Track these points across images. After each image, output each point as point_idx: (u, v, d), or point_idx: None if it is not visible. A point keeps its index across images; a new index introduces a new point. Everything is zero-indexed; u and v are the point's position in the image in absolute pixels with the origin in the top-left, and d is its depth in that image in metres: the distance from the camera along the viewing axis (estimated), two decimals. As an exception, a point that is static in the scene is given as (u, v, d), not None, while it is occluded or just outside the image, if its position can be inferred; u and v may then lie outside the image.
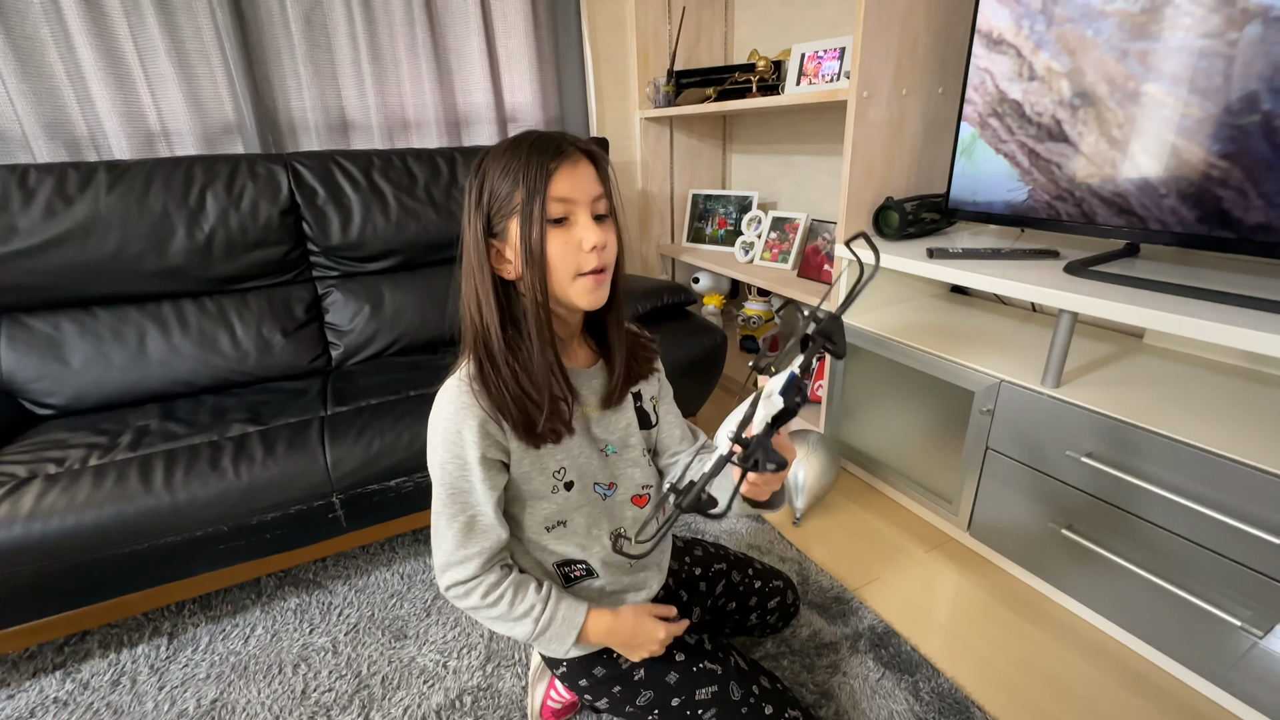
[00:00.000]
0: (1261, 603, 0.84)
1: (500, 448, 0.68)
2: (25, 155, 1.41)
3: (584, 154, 0.64)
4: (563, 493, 0.73)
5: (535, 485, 0.72)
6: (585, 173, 0.63)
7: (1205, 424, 0.93)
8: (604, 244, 0.63)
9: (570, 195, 0.61)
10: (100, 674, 1.05)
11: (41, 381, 1.27)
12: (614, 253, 0.66)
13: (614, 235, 0.66)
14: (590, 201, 0.63)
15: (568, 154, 0.62)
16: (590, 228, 0.62)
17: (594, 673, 0.79)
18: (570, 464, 0.73)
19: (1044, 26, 1.08)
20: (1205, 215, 0.95)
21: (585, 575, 0.79)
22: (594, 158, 0.64)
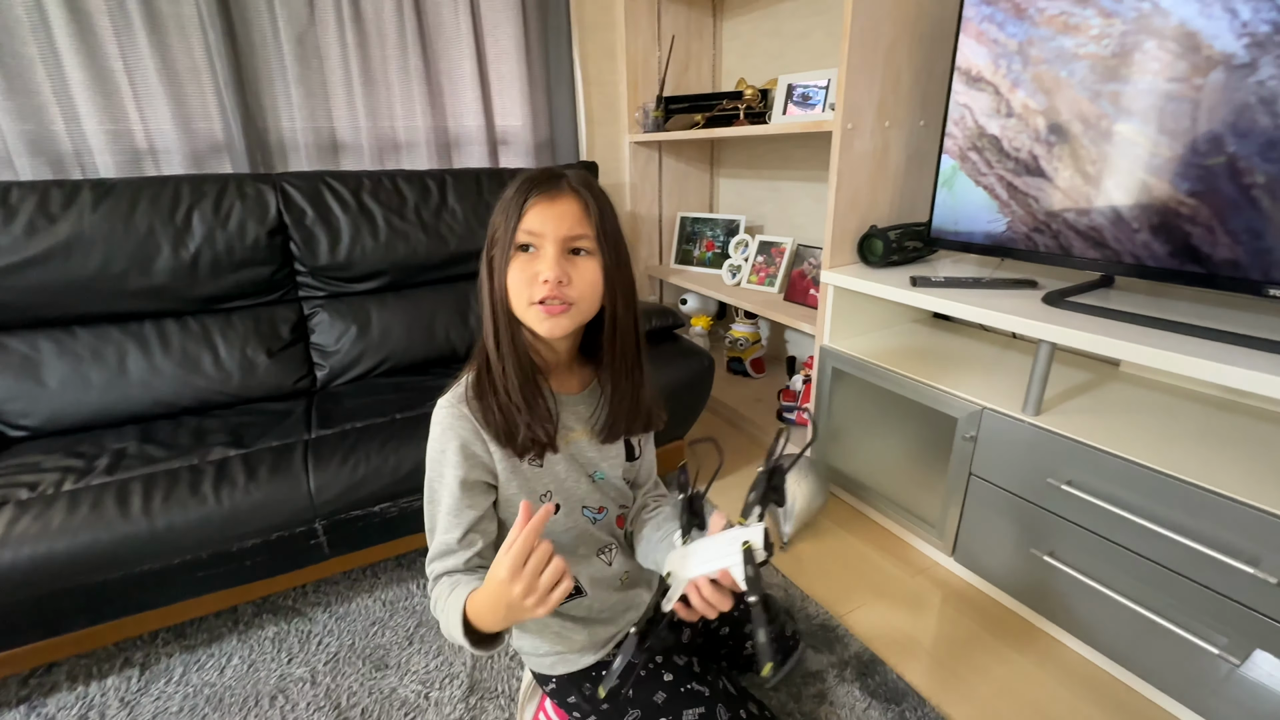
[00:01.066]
0: (1237, 630, 0.86)
1: (484, 468, 0.71)
2: (8, 173, 1.39)
3: (575, 192, 0.66)
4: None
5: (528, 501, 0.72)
6: (565, 210, 0.65)
7: (1180, 452, 0.95)
8: (561, 278, 0.64)
9: (538, 229, 0.65)
10: (67, 708, 1.02)
11: (16, 402, 1.24)
12: (584, 290, 0.67)
13: (590, 273, 0.67)
14: (561, 237, 0.65)
15: (550, 190, 0.66)
16: (549, 260, 0.64)
17: (583, 689, 0.80)
18: (557, 487, 0.76)
19: (1020, 66, 1.12)
20: (1176, 250, 0.98)
21: (575, 594, 0.80)
22: (584, 198, 0.66)
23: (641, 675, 0.78)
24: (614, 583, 0.83)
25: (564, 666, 0.81)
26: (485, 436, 0.70)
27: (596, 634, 0.82)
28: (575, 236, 0.65)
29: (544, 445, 0.71)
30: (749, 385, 2.13)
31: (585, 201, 0.66)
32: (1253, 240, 0.90)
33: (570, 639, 0.80)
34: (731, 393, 2.07)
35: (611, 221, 0.69)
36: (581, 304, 0.67)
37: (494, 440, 0.70)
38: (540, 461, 0.74)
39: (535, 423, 0.70)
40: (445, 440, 0.70)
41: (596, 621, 0.82)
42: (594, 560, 0.81)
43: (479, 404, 0.70)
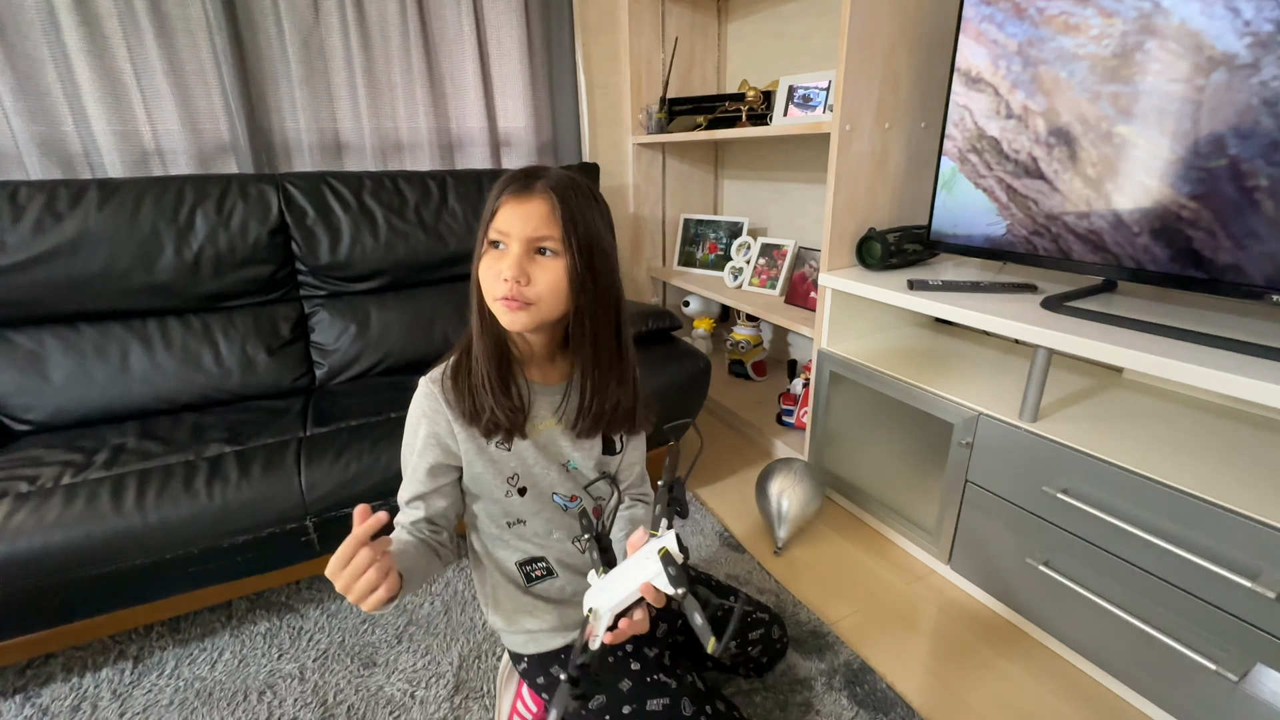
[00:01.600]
0: (1235, 645, 0.84)
1: (447, 451, 0.75)
2: (19, 172, 1.43)
3: (545, 193, 0.66)
4: (516, 497, 0.78)
5: (488, 486, 0.77)
6: (534, 210, 0.66)
7: (1180, 462, 0.93)
8: (520, 278, 0.65)
9: (506, 227, 0.66)
10: (61, 699, 1.03)
11: (21, 397, 1.26)
12: (544, 290, 0.67)
13: (552, 274, 0.67)
14: (526, 238, 0.66)
15: (522, 191, 0.67)
16: (511, 259, 0.65)
17: (550, 670, 0.82)
18: (523, 471, 0.78)
19: (1020, 67, 1.11)
20: (1176, 254, 0.96)
21: (546, 575, 0.83)
22: (553, 199, 0.66)
23: (609, 661, 0.79)
24: (585, 567, 0.84)
25: (534, 646, 0.83)
26: (450, 417, 0.73)
27: (567, 616, 0.83)
28: (540, 237, 0.66)
29: (508, 430, 0.74)
30: (750, 388, 2.12)
31: (553, 203, 0.66)
32: (1255, 245, 0.87)
33: (541, 618, 0.82)
34: (732, 395, 2.06)
35: (585, 224, 0.68)
36: (541, 304, 0.67)
37: (459, 420, 0.73)
38: (508, 445, 0.76)
39: (500, 408, 0.72)
40: (416, 419, 0.75)
41: (567, 604, 0.84)
42: (568, 545, 0.83)
43: (453, 384, 0.73)
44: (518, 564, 0.82)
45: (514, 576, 0.83)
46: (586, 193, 0.70)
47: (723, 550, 1.38)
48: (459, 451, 0.75)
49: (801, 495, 1.35)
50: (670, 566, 0.56)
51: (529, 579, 0.83)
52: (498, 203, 0.67)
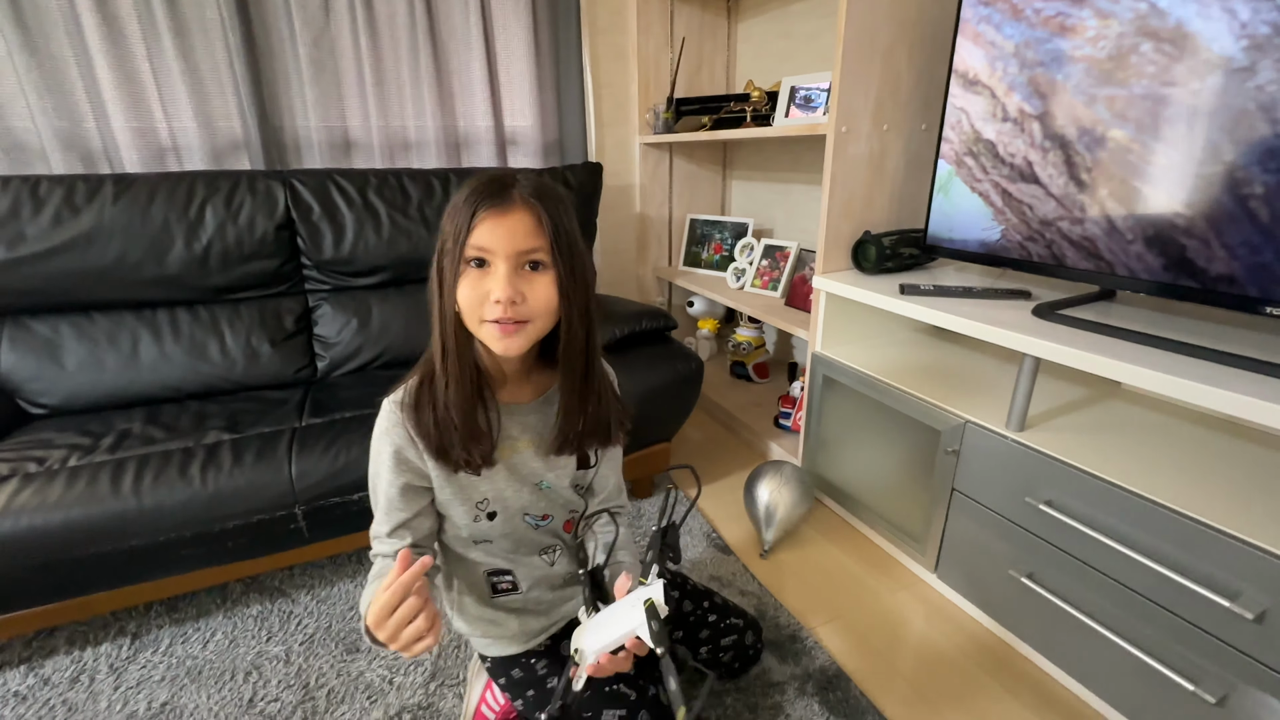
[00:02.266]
0: (1215, 667, 0.81)
1: (419, 473, 0.71)
2: (42, 166, 1.49)
3: (526, 204, 0.62)
4: (485, 522, 0.76)
5: (456, 512, 0.74)
6: (516, 224, 0.62)
7: (1168, 477, 0.90)
8: (515, 297, 0.62)
9: (488, 245, 0.61)
10: (62, 670, 1.08)
11: (37, 382, 1.32)
12: (539, 306, 0.64)
13: (544, 289, 0.64)
14: (514, 253, 0.62)
15: (500, 203, 0.62)
16: (501, 279, 0.61)
17: (511, 674, 0.82)
18: (494, 496, 0.75)
19: (1016, 69, 1.08)
20: (1170, 263, 0.93)
21: (511, 589, 0.82)
22: (536, 209, 0.62)
23: None
24: (555, 581, 0.84)
25: (496, 649, 0.83)
26: (420, 445, 0.69)
27: (528, 624, 0.83)
28: (529, 250, 0.62)
29: (477, 465, 0.70)
30: (750, 390, 2.11)
31: (538, 213, 0.62)
32: (1250, 255, 0.84)
33: (504, 626, 0.82)
34: (731, 397, 2.05)
35: (567, 229, 0.64)
36: (537, 321, 0.64)
37: (427, 452, 0.69)
38: (477, 473, 0.72)
39: (470, 443, 0.68)
40: (381, 443, 0.70)
41: (529, 613, 0.83)
42: (534, 559, 0.82)
43: (415, 414, 0.68)
44: (485, 574, 0.81)
45: (480, 587, 0.82)
46: (561, 196, 0.66)
47: (710, 551, 1.38)
48: (428, 472, 0.71)
49: (789, 498, 1.34)
50: (654, 621, 0.55)
51: (495, 590, 0.82)
52: (475, 218, 0.61)
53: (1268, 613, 0.75)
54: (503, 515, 0.76)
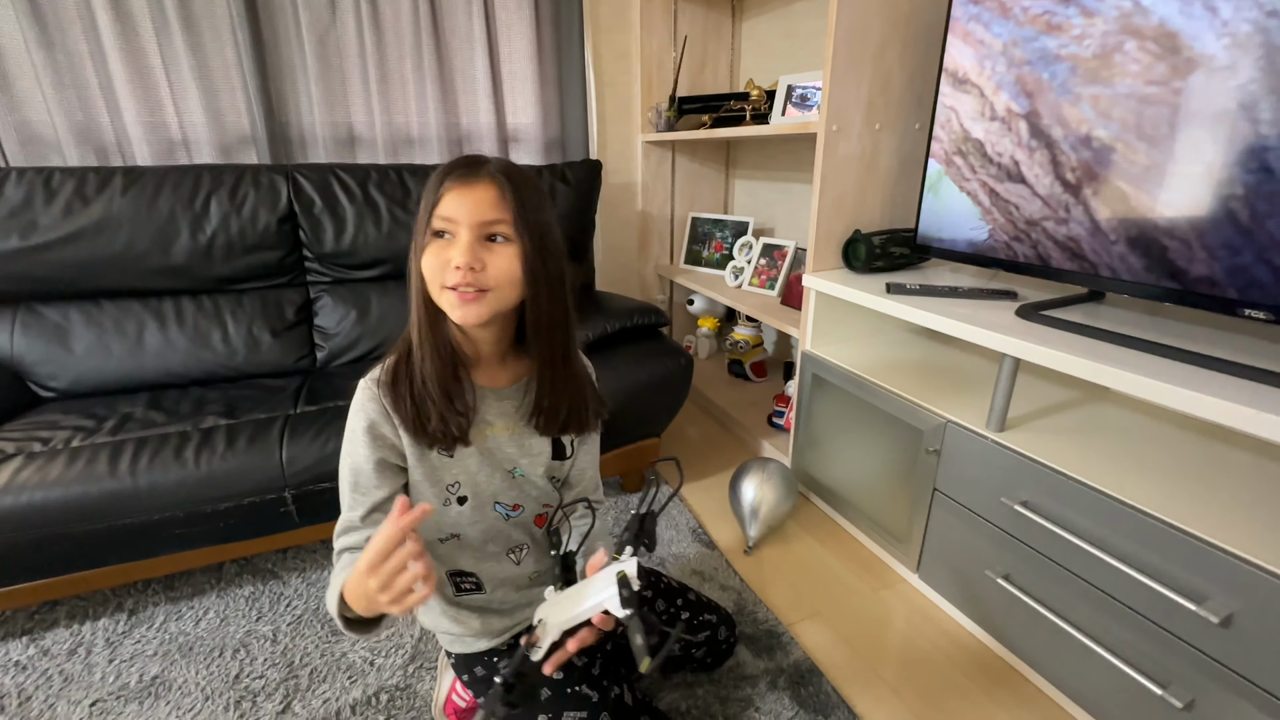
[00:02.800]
0: (1183, 670, 0.80)
1: (394, 449, 0.71)
2: (58, 158, 1.55)
3: (492, 178, 0.64)
4: (455, 507, 0.75)
5: (426, 496, 0.74)
6: (481, 196, 0.63)
7: (1145, 480, 0.89)
8: (474, 264, 0.63)
9: (453, 215, 0.63)
10: (61, 642, 1.12)
11: (47, 365, 1.38)
12: (499, 277, 0.65)
13: (506, 260, 0.65)
14: (476, 223, 0.63)
15: (467, 176, 0.64)
16: (462, 247, 0.63)
17: (474, 671, 0.82)
18: (466, 480, 0.75)
19: (1004, 68, 1.08)
20: (1152, 264, 0.92)
21: (474, 589, 0.81)
22: (501, 183, 0.64)
23: None
24: (521, 581, 0.84)
25: (460, 647, 0.83)
26: (395, 421, 0.70)
27: (490, 624, 0.83)
28: (491, 222, 0.64)
29: (454, 439, 0.71)
30: (746, 389, 2.11)
31: (502, 187, 0.64)
32: (1229, 256, 0.83)
33: (466, 624, 0.82)
34: (728, 395, 2.06)
35: (535, 209, 0.66)
36: (497, 291, 0.65)
37: (403, 427, 0.70)
38: (450, 453, 0.73)
39: (449, 415, 0.69)
40: (356, 420, 0.71)
41: (492, 612, 0.83)
42: (502, 559, 0.82)
43: (391, 390, 0.70)
44: (448, 574, 0.81)
45: (443, 588, 0.82)
46: (533, 180, 0.68)
47: (694, 546, 1.39)
48: (403, 450, 0.71)
49: (773, 496, 1.34)
50: (625, 589, 0.56)
51: (458, 589, 0.82)
52: (442, 190, 0.64)
53: (1234, 616, 0.74)
54: (473, 501, 0.76)
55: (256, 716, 0.97)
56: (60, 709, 0.99)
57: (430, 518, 0.74)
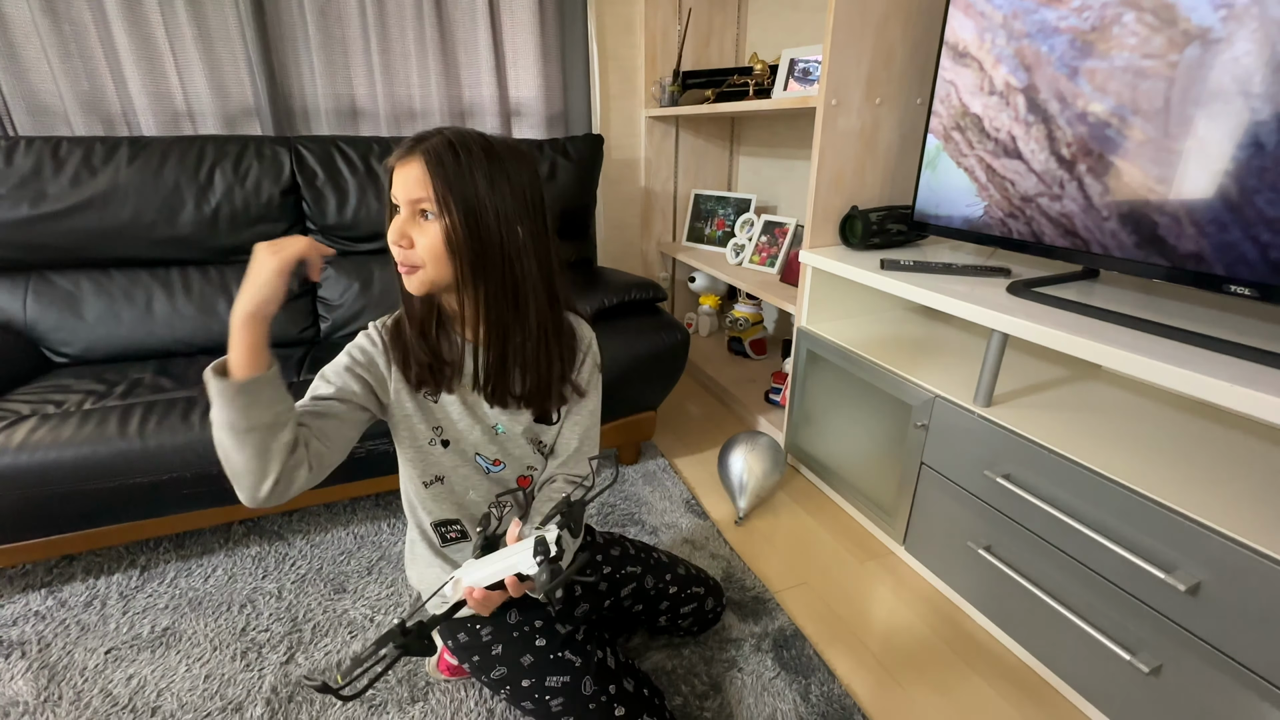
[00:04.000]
0: (1152, 637, 0.82)
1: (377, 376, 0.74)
2: (65, 128, 1.57)
3: (419, 156, 0.65)
4: (439, 448, 0.80)
5: (416, 431, 0.78)
6: (409, 173, 0.65)
7: (1124, 454, 0.91)
8: (400, 241, 0.66)
9: (395, 192, 0.67)
10: (77, 595, 1.18)
11: (59, 332, 1.41)
12: (425, 253, 0.66)
13: (429, 237, 0.65)
14: (408, 200, 0.65)
15: (403, 154, 0.66)
16: (395, 223, 0.66)
17: (458, 637, 0.85)
18: (448, 426, 0.79)
19: (1004, 40, 1.07)
20: (1142, 240, 0.92)
21: (460, 537, 0.85)
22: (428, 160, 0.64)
23: (514, 636, 0.82)
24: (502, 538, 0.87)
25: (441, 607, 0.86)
26: (390, 356, 0.75)
27: None
28: (417, 199, 0.65)
29: (435, 384, 0.76)
30: (746, 366, 2.13)
31: (428, 164, 0.64)
32: (1218, 232, 0.83)
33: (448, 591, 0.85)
34: (727, 372, 2.07)
35: (464, 185, 0.65)
36: (428, 267, 0.67)
37: (396, 364, 0.75)
38: (434, 398, 0.77)
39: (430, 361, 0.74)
40: (353, 344, 0.76)
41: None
42: (483, 509, 0.85)
43: (393, 332, 0.76)
44: (433, 524, 0.84)
45: (430, 537, 0.85)
46: (476, 153, 0.66)
47: (686, 516, 1.42)
48: (389, 385, 0.74)
49: (760, 468, 1.37)
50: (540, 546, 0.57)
51: (444, 540, 0.85)
52: (390, 167, 0.67)
53: (1201, 585, 0.76)
54: (454, 446, 0.80)
55: (261, 666, 1.02)
56: (77, 655, 1.04)
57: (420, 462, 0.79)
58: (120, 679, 1.00)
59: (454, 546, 0.86)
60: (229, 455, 0.60)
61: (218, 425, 0.60)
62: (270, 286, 0.60)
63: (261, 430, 0.59)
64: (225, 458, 0.61)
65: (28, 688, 0.98)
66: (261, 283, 0.60)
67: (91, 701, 0.96)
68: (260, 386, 0.60)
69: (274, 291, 0.61)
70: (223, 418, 0.59)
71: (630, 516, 1.42)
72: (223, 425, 0.59)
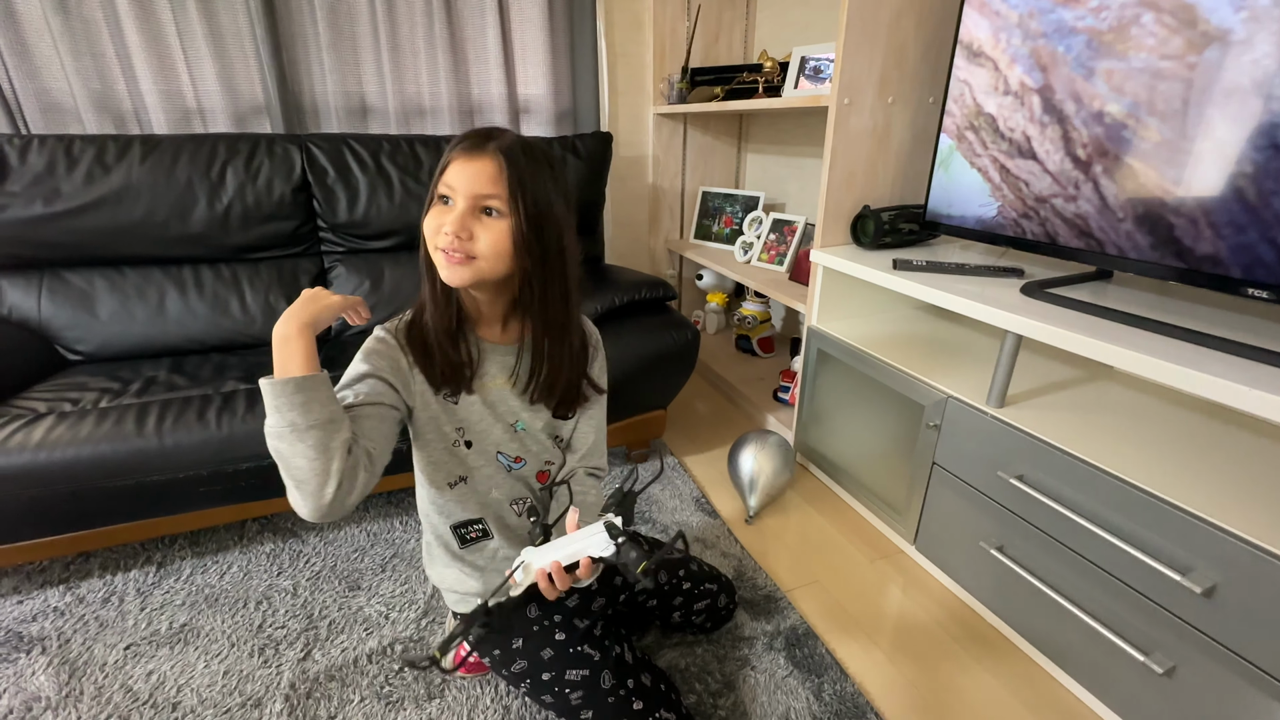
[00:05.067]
0: (1167, 639, 0.83)
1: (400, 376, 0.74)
2: (76, 126, 1.57)
3: (494, 154, 0.67)
4: (462, 448, 0.81)
5: (437, 432, 0.79)
6: (481, 169, 0.66)
7: (1139, 456, 0.91)
8: (461, 233, 0.67)
9: (453, 183, 0.67)
10: (95, 591, 1.19)
11: (74, 330, 1.42)
12: (487, 248, 0.68)
13: (496, 234, 0.67)
14: (472, 195, 0.67)
15: (471, 149, 0.68)
16: (455, 215, 0.67)
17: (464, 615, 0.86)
18: (469, 427, 0.80)
19: (1020, 40, 1.07)
20: (1159, 242, 0.92)
21: (481, 536, 0.86)
22: (501, 160, 0.66)
23: (535, 630, 0.83)
24: (522, 535, 0.88)
25: (464, 606, 0.88)
26: (410, 359, 0.75)
27: (490, 582, 0.86)
28: (486, 195, 0.67)
29: (457, 384, 0.76)
30: (754, 364, 2.13)
31: (501, 163, 0.66)
32: (1235, 234, 0.83)
33: (467, 584, 0.86)
34: (735, 370, 2.08)
35: (534, 188, 0.68)
36: (483, 261, 0.68)
37: (415, 366, 0.75)
38: (455, 399, 0.78)
39: (451, 361, 0.74)
40: (370, 346, 0.75)
41: (492, 571, 0.87)
42: (506, 508, 0.86)
43: (408, 333, 0.76)
44: (451, 527, 0.85)
45: (447, 540, 0.86)
46: (540, 158, 0.69)
47: (696, 514, 1.43)
48: (413, 387, 0.75)
49: (770, 467, 1.37)
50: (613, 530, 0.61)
51: (463, 541, 0.85)
52: (449, 159, 0.68)
53: (1217, 587, 0.76)
54: (478, 446, 0.81)
55: (279, 663, 1.03)
56: (97, 651, 1.05)
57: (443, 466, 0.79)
58: (140, 675, 1.01)
59: (473, 547, 0.86)
60: (291, 460, 0.60)
61: (276, 433, 0.60)
62: (323, 311, 0.67)
63: (321, 427, 0.60)
64: (287, 464, 0.61)
65: (50, 683, 0.99)
66: (317, 308, 0.67)
67: (113, 697, 0.97)
68: (318, 384, 0.61)
69: (325, 315, 0.67)
70: (282, 420, 0.59)
71: (641, 514, 1.42)
72: (282, 429, 0.59)
